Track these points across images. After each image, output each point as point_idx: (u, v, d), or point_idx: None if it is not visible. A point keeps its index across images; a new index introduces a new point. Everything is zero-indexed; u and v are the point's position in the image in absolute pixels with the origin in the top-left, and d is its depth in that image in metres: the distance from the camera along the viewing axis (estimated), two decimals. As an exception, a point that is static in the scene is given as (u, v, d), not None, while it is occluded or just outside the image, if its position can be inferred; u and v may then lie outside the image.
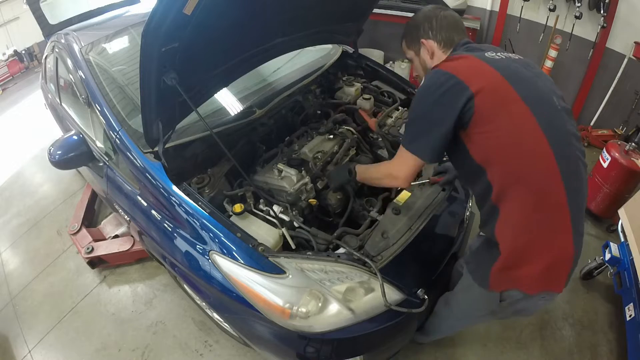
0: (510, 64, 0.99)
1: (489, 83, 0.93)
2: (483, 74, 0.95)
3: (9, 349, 2.04)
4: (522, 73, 0.98)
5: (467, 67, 0.97)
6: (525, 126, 0.92)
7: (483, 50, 1.04)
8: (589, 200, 2.44)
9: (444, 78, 0.95)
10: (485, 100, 0.91)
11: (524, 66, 1.02)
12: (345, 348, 1.21)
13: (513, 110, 0.93)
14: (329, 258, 1.19)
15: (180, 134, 1.52)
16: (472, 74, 0.94)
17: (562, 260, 0.96)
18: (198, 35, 1.06)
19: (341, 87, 2.09)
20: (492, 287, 1.05)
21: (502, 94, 0.93)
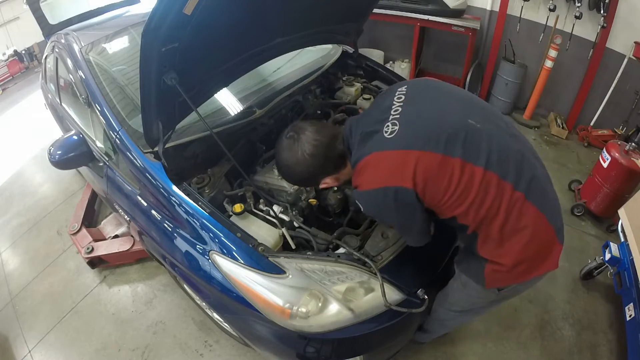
0: (411, 119, 0.96)
1: (416, 170, 0.90)
2: (403, 165, 0.91)
3: (9, 349, 2.04)
4: (428, 120, 0.96)
5: (386, 171, 0.94)
6: (468, 177, 0.91)
7: (379, 129, 0.97)
8: (589, 200, 2.44)
9: (381, 194, 0.93)
10: (424, 186, 0.91)
11: (431, 103, 1.00)
12: (345, 348, 1.21)
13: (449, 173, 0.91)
14: (329, 258, 1.19)
15: (180, 134, 1.52)
16: (396, 174, 0.92)
17: (548, 246, 0.98)
18: (198, 35, 1.06)
19: (341, 87, 2.09)
20: (488, 285, 1.06)
21: (432, 168, 0.91)
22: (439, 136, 0.91)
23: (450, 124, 0.94)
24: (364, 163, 0.98)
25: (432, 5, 3.36)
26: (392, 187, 0.92)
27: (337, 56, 2.21)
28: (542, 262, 0.99)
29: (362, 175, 0.98)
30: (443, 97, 1.03)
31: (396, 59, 4.18)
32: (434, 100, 1.02)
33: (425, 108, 0.99)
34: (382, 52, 4.23)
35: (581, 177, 2.73)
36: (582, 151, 3.18)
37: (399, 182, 0.91)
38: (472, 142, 0.92)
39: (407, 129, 0.94)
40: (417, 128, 0.95)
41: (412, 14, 3.48)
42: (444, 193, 0.92)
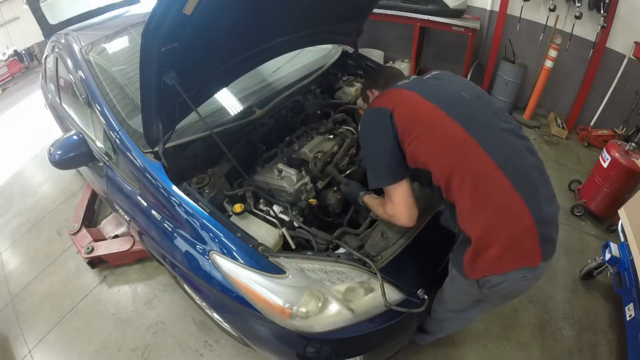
0: (419, 82, 1.22)
1: (401, 100, 1.13)
2: (394, 96, 1.15)
3: (9, 349, 2.04)
4: (431, 85, 1.19)
5: (382, 97, 1.19)
6: (440, 124, 1.06)
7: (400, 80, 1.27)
8: (589, 200, 2.44)
9: (372, 111, 1.16)
10: (400, 114, 1.09)
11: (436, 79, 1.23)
12: (345, 348, 1.21)
13: (424, 114, 1.08)
14: (329, 258, 1.19)
15: (180, 134, 1.52)
16: (386, 100, 1.15)
17: (523, 233, 0.97)
18: (198, 35, 1.06)
19: (341, 87, 2.09)
20: (469, 274, 1.06)
21: (411, 103, 1.11)
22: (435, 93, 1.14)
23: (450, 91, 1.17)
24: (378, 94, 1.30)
25: (432, 5, 3.36)
26: (379, 107, 1.14)
27: (337, 56, 2.21)
28: (519, 256, 0.99)
29: (373, 100, 1.28)
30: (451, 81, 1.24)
31: (396, 59, 4.18)
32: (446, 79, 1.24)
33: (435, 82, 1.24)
34: (382, 52, 4.23)
35: (581, 177, 2.73)
36: (582, 151, 3.18)
37: (384, 105, 1.13)
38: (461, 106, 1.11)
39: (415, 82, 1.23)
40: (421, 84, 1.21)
41: (412, 14, 3.48)
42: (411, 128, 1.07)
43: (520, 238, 0.98)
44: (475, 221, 1.01)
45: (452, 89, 1.17)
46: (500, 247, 0.97)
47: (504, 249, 0.97)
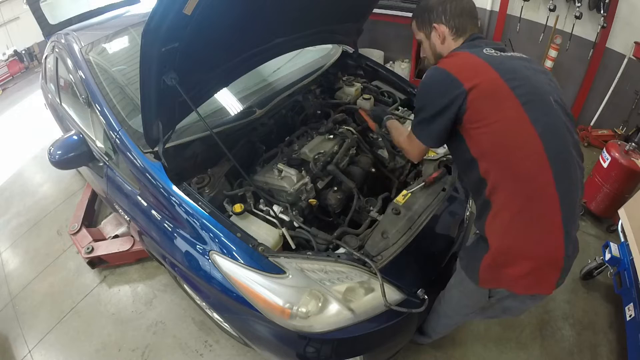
0: (507, 61, 1.00)
1: (483, 80, 0.95)
2: (477, 71, 0.97)
3: (9, 349, 2.04)
4: (519, 71, 0.98)
5: (463, 65, 1.00)
6: (518, 125, 0.93)
7: (483, 46, 1.05)
8: (589, 200, 2.44)
9: (443, 75, 0.98)
10: (478, 97, 0.94)
11: (523, 63, 1.02)
12: (345, 348, 1.21)
13: (506, 107, 0.94)
14: (329, 258, 1.19)
15: (180, 134, 1.52)
16: (466, 72, 0.97)
17: (551, 263, 0.96)
18: (198, 35, 1.06)
19: (341, 87, 2.09)
20: (481, 282, 1.05)
21: (495, 91, 0.95)
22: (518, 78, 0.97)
23: (533, 81, 0.99)
24: (457, 53, 1.07)
25: (432, 5, 3.36)
26: (454, 76, 0.97)
27: (337, 56, 2.21)
28: (536, 282, 0.98)
29: (449, 58, 1.07)
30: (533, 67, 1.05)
31: (396, 59, 4.18)
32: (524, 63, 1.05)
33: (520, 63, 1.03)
34: (382, 52, 4.23)
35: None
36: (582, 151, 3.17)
37: (461, 78, 0.96)
38: (546, 113, 0.96)
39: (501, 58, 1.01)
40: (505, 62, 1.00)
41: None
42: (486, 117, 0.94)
43: (546, 269, 0.97)
44: (508, 234, 0.96)
45: (541, 88, 0.98)
46: (524, 270, 0.96)
47: (528, 272, 0.96)
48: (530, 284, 0.98)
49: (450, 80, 0.97)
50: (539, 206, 0.93)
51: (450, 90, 0.96)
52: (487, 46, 1.05)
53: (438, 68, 1.01)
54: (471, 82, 0.94)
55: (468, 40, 1.10)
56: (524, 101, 0.93)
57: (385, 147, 1.77)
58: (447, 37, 1.12)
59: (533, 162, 0.92)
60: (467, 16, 1.10)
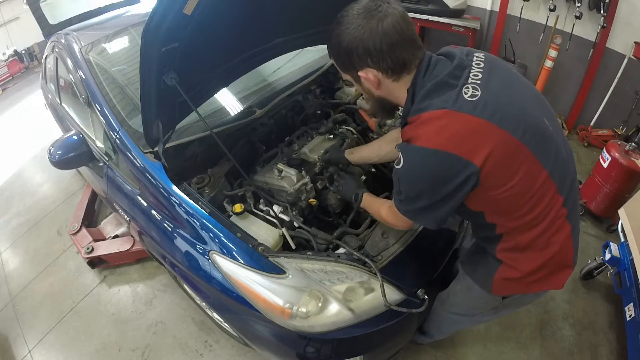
0: (496, 98, 0.80)
1: (494, 147, 0.76)
2: (481, 137, 0.77)
3: (9, 349, 2.04)
4: (514, 104, 0.82)
5: (458, 135, 0.77)
6: (534, 175, 0.82)
7: (454, 81, 0.81)
8: (589, 200, 2.44)
9: (439, 159, 0.77)
10: (493, 169, 0.77)
11: (508, 87, 0.85)
12: (345, 348, 1.21)
13: (521, 165, 0.80)
14: (329, 258, 1.19)
15: (180, 134, 1.52)
16: (469, 143, 0.76)
17: (564, 265, 0.97)
18: (198, 35, 1.06)
19: (341, 87, 2.08)
20: (495, 292, 1.05)
21: (510, 154, 0.79)
22: (519, 121, 0.79)
23: (529, 114, 0.83)
24: (432, 115, 0.79)
25: (432, 5, 3.36)
26: (456, 155, 0.76)
27: (337, 56, 2.20)
28: (551, 279, 0.98)
29: (424, 127, 0.80)
30: (517, 82, 0.89)
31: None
32: (512, 82, 0.87)
33: (505, 84, 0.84)
34: (382, 52, 4.22)
35: (581, 177, 2.72)
36: (582, 151, 3.18)
37: (467, 155, 0.76)
38: (544, 143, 0.83)
39: (489, 98, 0.79)
40: (499, 102, 0.80)
41: (412, 14, 3.48)
42: (504, 184, 0.80)
43: (559, 270, 0.97)
44: (524, 262, 0.94)
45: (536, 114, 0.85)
46: (540, 275, 0.96)
47: (542, 277, 0.97)
48: (544, 284, 0.99)
49: (453, 162, 0.76)
50: (553, 229, 0.91)
51: (457, 174, 0.77)
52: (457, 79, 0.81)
53: (424, 149, 0.78)
54: (479, 155, 0.75)
55: (422, 73, 0.85)
56: (533, 146, 0.80)
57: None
58: (383, 81, 0.88)
59: (548, 200, 0.86)
60: (402, 47, 0.82)
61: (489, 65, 0.85)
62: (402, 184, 0.86)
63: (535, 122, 0.83)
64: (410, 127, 0.84)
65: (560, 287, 0.99)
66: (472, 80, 0.81)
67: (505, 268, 0.98)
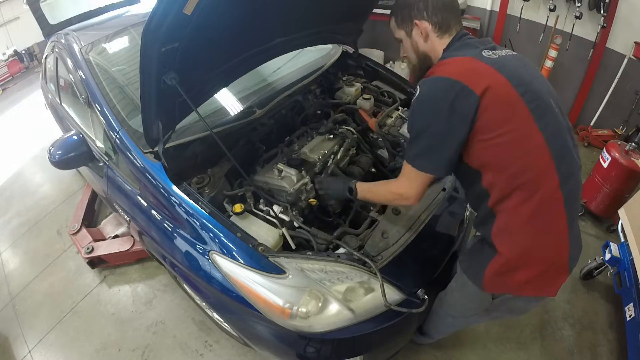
0: (508, 63, 0.93)
1: (493, 84, 0.86)
2: (484, 75, 0.88)
3: (9, 349, 2.04)
4: (522, 74, 0.92)
5: (466, 70, 0.89)
6: (528, 133, 0.89)
7: (479, 47, 0.97)
8: (589, 200, 2.44)
9: (447, 84, 0.87)
10: (490, 104, 0.86)
11: (522, 66, 0.96)
12: (345, 348, 1.21)
13: (517, 115, 0.88)
14: (329, 258, 1.19)
15: (180, 134, 1.52)
16: (472, 76, 0.87)
17: (557, 267, 0.97)
18: (198, 35, 1.06)
19: (341, 87, 2.08)
20: (486, 288, 1.05)
21: (507, 97, 0.88)
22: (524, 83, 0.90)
23: (536, 86, 0.93)
24: (454, 60, 0.94)
25: (432, 5, 3.35)
26: (461, 82, 0.86)
27: (337, 56, 2.21)
28: (543, 285, 0.98)
29: (443, 65, 0.93)
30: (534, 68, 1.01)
31: (396, 59, 4.17)
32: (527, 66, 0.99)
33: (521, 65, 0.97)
34: (382, 52, 4.23)
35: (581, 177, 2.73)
36: (582, 151, 3.18)
37: (471, 85, 0.85)
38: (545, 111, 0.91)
39: (503, 62, 0.93)
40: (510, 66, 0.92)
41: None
42: (498, 127, 0.87)
43: (553, 272, 0.97)
44: (519, 243, 0.94)
45: (543, 92, 0.94)
46: (532, 275, 0.96)
47: (535, 276, 0.96)
48: (536, 288, 0.98)
49: (458, 89, 0.85)
50: (546, 212, 0.92)
51: (460, 100, 0.85)
52: (483, 46, 0.96)
53: (438, 77, 0.90)
54: (481, 87, 0.85)
55: (457, 39, 1.01)
56: (532, 107, 0.89)
57: (385, 147, 1.77)
58: (431, 34, 1.03)
59: (542, 170, 0.90)
60: (450, 11, 1.01)
61: (512, 53, 1.00)
62: (414, 116, 0.95)
63: (540, 94, 0.92)
64: (436, 65, 0.97)
65: (553, 294, 0.99)
66: (493, 50, 0.96)
67: (498, 258, 0.97)
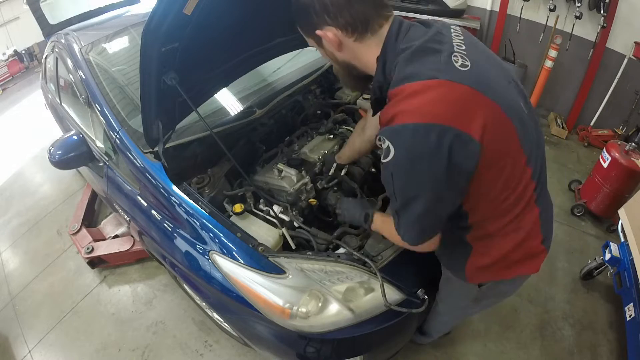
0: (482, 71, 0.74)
1: (488, 121, 0.69)
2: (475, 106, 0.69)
3: (9, 349, 2.04)
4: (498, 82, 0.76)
5: (453, 103, 0.67)
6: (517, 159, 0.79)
7: (439, 49, 0.73)
8: (589, 200, 2.44)
9: (435, 134, 0.65)
10: (488, 144, 0.69)
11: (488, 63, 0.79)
12: (345, 348, 1.21)
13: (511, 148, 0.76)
14: (329, 258, 1.19)
15: (180, 134, 1.52)
16: (464, 113, 0.67)
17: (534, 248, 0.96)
18: (198, 35, 1.06)
19: (341, 87, 2.08)
20: (469, 280, 1.04)
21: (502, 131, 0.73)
22: (506, 99, 0.74)
23: (510, 94, 0.78)
24: (422, 86, 0.68)
25: (432, 5, 3.36)
26: (452, 127, 0.65)
27: (337, 56, 2.20)
28: (524, 264, 0.97)
29: (413, 100, 0.68)
30: (493, 58, 0.84)
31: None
32: (489, 57, 0.82)
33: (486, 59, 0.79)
34: (382, 52, 4.22)
35: (581, 177, 2.73)
36: (582, 151, 3.18)
37: (462, 125, 0.66)
38: (524, 125, 0.78)
39: (480, 71, 0.72)
40: (488, 76, 0.74)
41: (412, 14, 3.48)
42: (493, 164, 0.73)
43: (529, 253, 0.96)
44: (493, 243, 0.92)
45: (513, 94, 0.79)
46: (510, 261, 0.95)
47: (514, 262, 0.96)
48: (517, 270, 0.98)
49: (452, 137, 0.65)
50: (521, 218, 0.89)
51: (456, 151, 0.66)
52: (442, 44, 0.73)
53: (415, 126, 0.66)
54: (477, 127, 0.67)
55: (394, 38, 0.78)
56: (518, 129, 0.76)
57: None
58: (344, 41, 0.80)
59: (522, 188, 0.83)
60: (362, 1, 0.75)
61: (467, 39, 0.80)
62: (398, 178, 0.73)
63: (516, 104, 0.78)
64: (393, 103, 0.72)
65: (535, 270, 0.98)
66: (457, 49, 0.74)
67: (476, 255, 0.96)
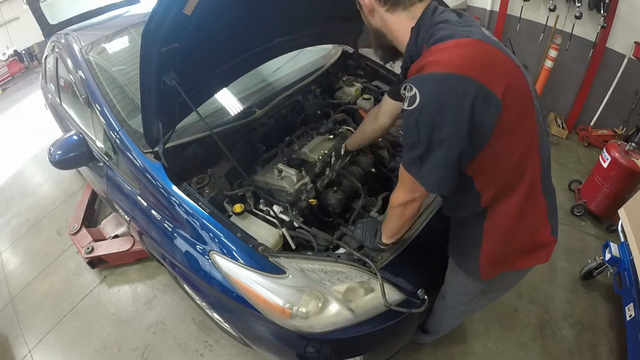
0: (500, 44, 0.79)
1: (511, 82, 0.72)
2: (500, 67, 0.73)
3: (9, 349, 2.04)
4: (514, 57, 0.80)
5: (479, 59, 0.70)
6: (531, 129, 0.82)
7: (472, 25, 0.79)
8: (589, 200, 2.44)
9: (460, 84, 0.68)
10: (508, 106, 0.72)
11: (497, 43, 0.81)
12: (345, 348, 1.21)
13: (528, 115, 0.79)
14: (329, 258, 1.19)
15: (180, 134, 1.52)
16: (490, 70, 0.70)
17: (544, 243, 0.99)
18: (198, 35, 1.06)
19: (341, 87, 2.08)
20: (483, 276, 1.05)
21: (522, 95, 0.77)
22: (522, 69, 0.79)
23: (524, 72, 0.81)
24: (454, 42, 0.72)
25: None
26: (476, 80, 0.67)
27: (337, 56, 2.21)
28: (535, 254, 1.00)
29: (446, 52, 0.71)
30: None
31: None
32: None
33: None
34: (382, 52, 4.22)
35: (581, 177, 2.73)
36: (582, 151, 3.18)
37: (487, 81, 0.68)
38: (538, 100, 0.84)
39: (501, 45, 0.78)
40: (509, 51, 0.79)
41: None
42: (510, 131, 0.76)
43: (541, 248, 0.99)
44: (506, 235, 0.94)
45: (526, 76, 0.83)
46: (521, 254, 0.98)
47: (524, 253, 0.98)
48: (529, 261, 1.01)
49: (475, 89, 0.68)
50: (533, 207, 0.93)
51: (478, 105, 0.68)
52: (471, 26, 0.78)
53: (441, 75, 0.68)
54: (500, 86, 0.70)
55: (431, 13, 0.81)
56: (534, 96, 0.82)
57: (385, 147, 1.77)
58: (377, 9, 0.85)
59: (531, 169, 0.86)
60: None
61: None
62: (422, 124, 0.72)
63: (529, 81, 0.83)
64: (425, 54, 0.74)
65: (546, 260, 1.00)
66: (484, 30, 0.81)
67: (487, 250, 0.98)
